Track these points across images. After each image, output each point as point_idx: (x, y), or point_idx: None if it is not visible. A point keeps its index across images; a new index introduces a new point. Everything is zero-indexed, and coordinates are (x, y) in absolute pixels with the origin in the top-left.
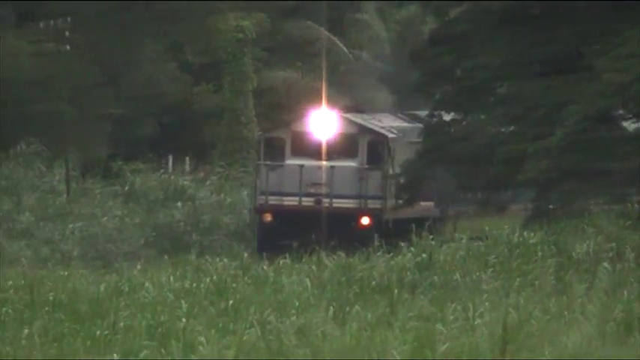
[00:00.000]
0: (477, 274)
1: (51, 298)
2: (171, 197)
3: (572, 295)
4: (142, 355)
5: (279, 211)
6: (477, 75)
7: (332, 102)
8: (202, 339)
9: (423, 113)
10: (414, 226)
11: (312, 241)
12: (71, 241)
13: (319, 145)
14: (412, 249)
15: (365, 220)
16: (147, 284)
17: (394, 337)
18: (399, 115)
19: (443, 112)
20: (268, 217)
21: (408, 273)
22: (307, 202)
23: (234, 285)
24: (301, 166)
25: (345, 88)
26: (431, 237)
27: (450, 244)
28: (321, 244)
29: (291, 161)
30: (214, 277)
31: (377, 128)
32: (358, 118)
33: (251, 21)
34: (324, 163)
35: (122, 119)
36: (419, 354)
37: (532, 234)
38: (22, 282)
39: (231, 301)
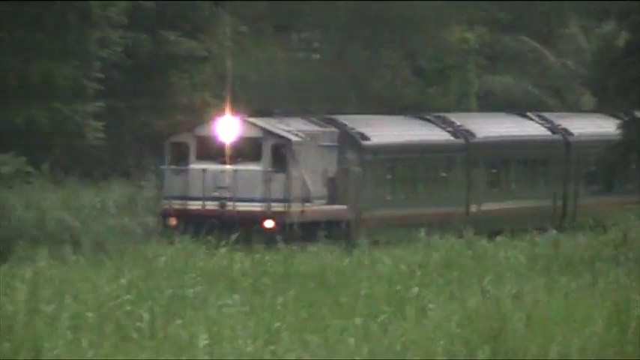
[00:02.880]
0: None
1: (302, 270)
2: None
3: None
4: (380, 319)
5: (183, 215)
6: None
7: (538, 102)
8: (432, 305)
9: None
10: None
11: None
12: None
13: (223, 149)
14: (612, 228)
15: (269, 223)
16: (384, 258)
17: (595, 304)
18: (312, 119)
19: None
20: (173, 221)
21: (606, 248)
22: (211, 205)
23: (459, 259)
24: (204, 170)
25: (552, 91)
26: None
27: None
28: (226, 246)
29: (195, 165)
30: (442, 253)
31: (281, 132)
32: (262, 122)
33: (474, 33)
34: (227, 166)
35: None
36: (616, 318)
37: None
38: (278, 256)
39: (456, 273)
